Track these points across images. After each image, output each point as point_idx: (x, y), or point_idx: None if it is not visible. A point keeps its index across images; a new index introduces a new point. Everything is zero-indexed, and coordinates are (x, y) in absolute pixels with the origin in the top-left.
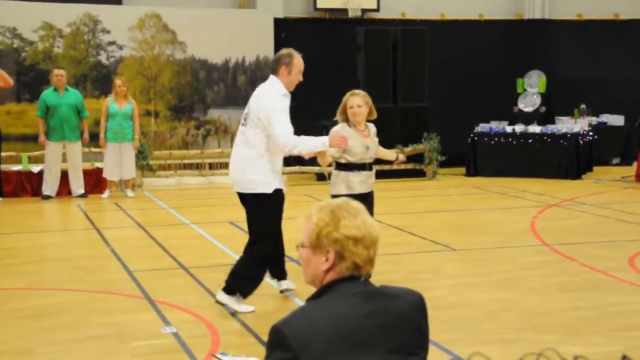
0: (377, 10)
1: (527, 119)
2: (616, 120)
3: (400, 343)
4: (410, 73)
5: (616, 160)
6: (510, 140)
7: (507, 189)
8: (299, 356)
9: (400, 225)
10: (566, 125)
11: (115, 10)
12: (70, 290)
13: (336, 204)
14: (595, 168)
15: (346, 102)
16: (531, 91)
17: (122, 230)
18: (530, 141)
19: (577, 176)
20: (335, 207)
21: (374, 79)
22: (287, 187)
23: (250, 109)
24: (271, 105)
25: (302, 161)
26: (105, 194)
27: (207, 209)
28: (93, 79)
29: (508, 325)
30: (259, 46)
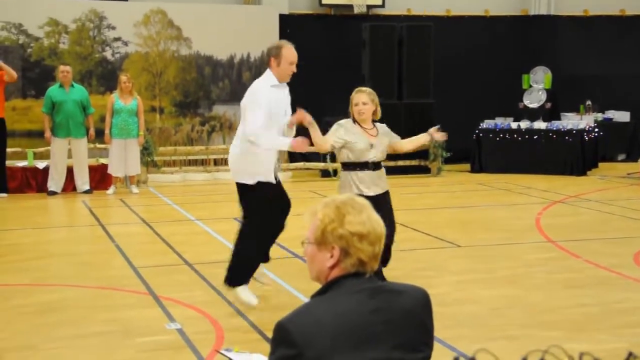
0: (382, 6)
1: (532, 115)
2: (622, 116)
3: (405, 340)
4: (416, 69)
5: (622, 157)
6: (515, 136)
7: (512, 186)
8: (304, 353)
9: (405, 221)
10: (572, 121)
11: (120, 6)
12: (74, 286)
13: (341, 200)
14: (601, 164)
15: (352, 99)
16: (537, 87)
17: (127, 227)
18: (535, 137)
19: (582, 172)
20: (341, 203)
21: (379, 75)
22: (292, 184)
23: (242, 104)
24: (249, 97)
25: (307, 157)
26: (110, 190)
27: (212, 205)
28: (98, 75)
29: (513, 321)
30: (264, 42)
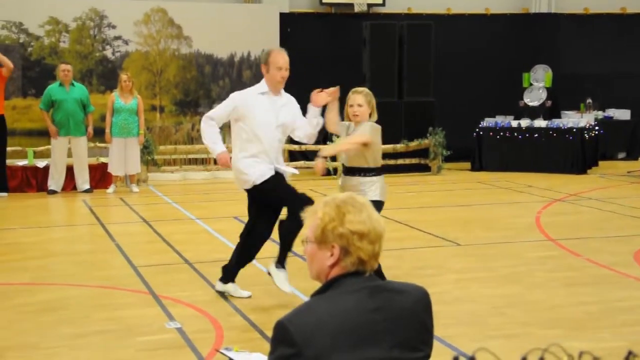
0: (382, 4)
1: (532, 113)
2: (622, 114)
3: (405, 339)
4: (416, 67)
5: (622, 155)
6: (515, 134)
7: (513, 184)
8: (303, 351)
9: (405, 220)
10: (572, 119)
11: (121, 5)
12: (75, 285)
13: (341, 199)
14: (601, 163)
15: (347, 99)
16: (537, 85)
17: (127, 226)
18: (535, 136)
19: (582, 171)
20: (341, 202)
21: (380, 74)
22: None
23: None
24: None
25: (308, 156)
26: (111, 189)
27: (212, 204)
28: (99, 74)
29: (513, 320)
30: (264, 41)
